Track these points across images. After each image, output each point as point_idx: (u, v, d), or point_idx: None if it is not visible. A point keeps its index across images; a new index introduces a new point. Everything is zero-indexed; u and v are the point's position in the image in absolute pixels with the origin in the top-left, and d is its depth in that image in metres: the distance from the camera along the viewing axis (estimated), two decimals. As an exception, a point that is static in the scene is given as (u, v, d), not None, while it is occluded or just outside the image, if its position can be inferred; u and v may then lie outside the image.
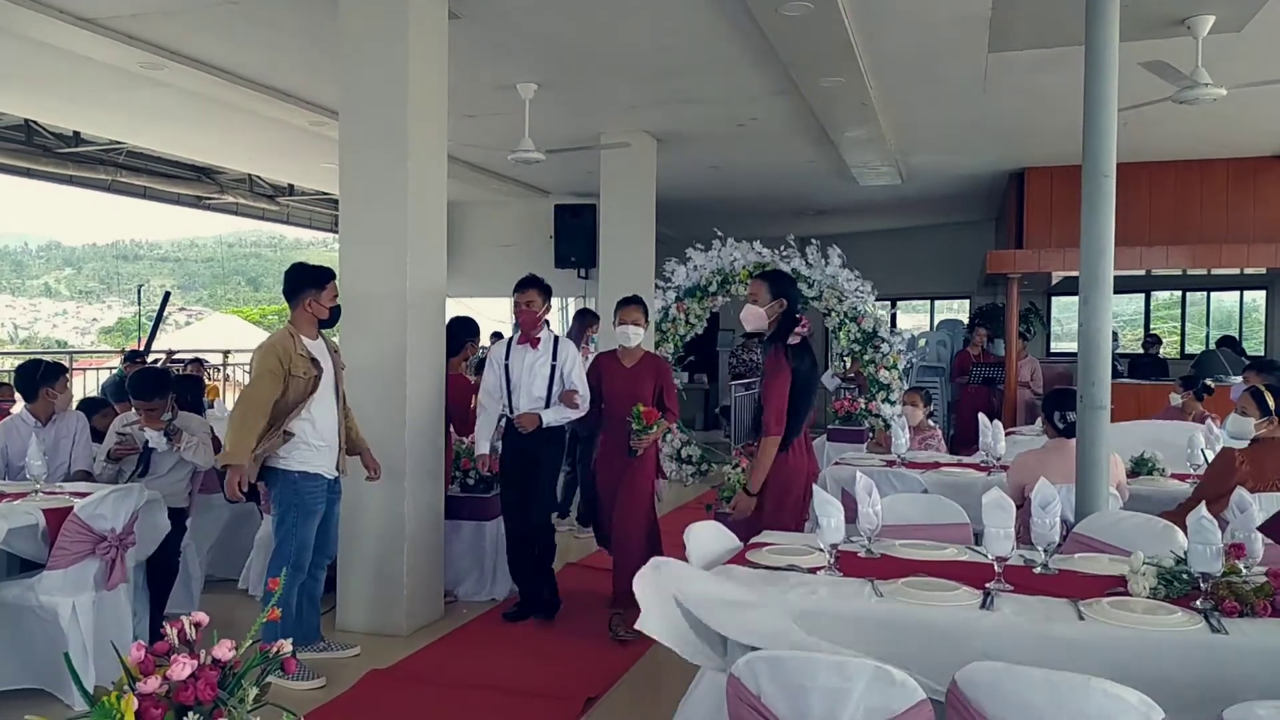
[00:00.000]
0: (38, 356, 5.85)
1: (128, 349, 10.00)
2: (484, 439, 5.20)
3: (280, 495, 4.33)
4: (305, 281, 4.37)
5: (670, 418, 5.13)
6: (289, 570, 4.21)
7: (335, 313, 4.48)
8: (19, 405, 5.40)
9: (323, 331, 4.51)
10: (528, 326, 5.07)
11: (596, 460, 5.37)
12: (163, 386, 4.84)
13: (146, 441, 4.76)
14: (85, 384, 10.53)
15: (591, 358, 5.81)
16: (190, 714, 1.67)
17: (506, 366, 5.08)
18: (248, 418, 4.17)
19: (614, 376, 5.13)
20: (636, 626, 2.61)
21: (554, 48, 6.48)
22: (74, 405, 5.37)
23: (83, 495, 4.11)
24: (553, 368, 5.08)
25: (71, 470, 4.88)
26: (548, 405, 5.05)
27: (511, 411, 5.08)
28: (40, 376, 4.93)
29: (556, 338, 5.17)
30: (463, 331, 5.81)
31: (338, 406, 4.44)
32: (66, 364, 6.40)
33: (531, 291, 5.06)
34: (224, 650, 1.76)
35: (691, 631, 2.65)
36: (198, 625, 1.82)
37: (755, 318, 4.15)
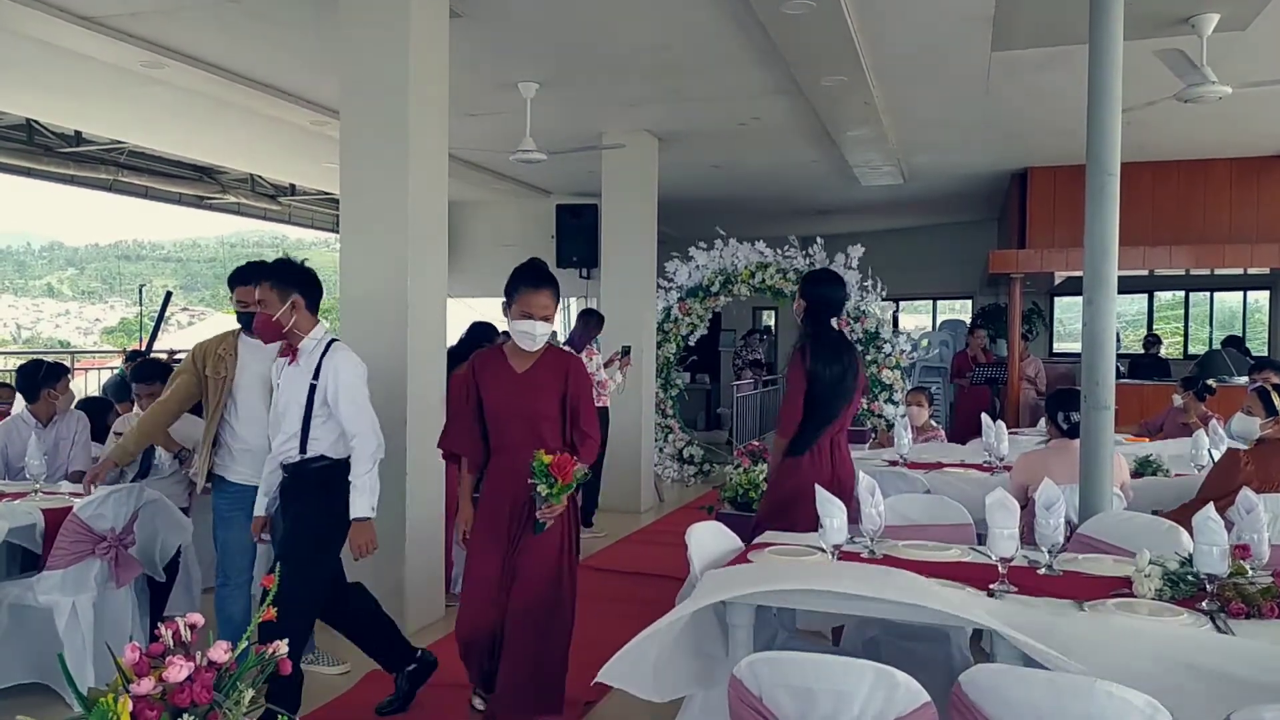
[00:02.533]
0: (40, 357, 5.86)
1: (129, 349, 9.99)
2: (263, 494, 3.65)
3: None
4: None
5: (586, 453, 3.40)
6: (218, 578, 3.90)
7: (243, 320, 3.97)
8: (19, 405, 5.40)
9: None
10: (263, 332, 3.54)
11: (478, 514, 3.57)
12: (164, 373, 4.83)
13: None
14: (87, 384, 10.55)
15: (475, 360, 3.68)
16: (185, 715, 1.65)
17: (277, 388, 3.64)
18: (150, 417, 4.05)
19: (498, 386, 3.47)
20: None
21: (555, 46, 6.46)
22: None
23: (81, 495, 4.10)
24: (310, 390, 3.47)
25: (70, 471, 4.87)
26: (303, 446, 3.48)
27: (271, 450, 3.63)
28: (42, 377, 4.94)
29: (333, 341, 3.58)
30: (480, 337, 5.75)
31: (269, 414, 3.80)
32: (68, 364, 6.41)
33: (264, 284, 3.48)
34: (220, 652, 1.75)
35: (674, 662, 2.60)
36: (193, 627, 1.81)
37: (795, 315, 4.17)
